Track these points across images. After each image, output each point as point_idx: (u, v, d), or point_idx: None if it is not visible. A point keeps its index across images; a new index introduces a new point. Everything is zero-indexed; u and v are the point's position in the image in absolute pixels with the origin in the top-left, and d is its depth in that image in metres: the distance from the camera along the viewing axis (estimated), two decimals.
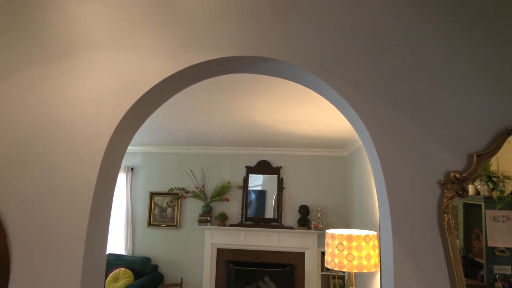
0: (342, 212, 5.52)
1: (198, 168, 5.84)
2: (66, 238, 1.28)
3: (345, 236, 3.10)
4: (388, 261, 1.13)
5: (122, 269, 5.09)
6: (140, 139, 5.34)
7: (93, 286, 1.32)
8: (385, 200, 1.16)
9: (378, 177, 1.20)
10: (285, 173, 5.72)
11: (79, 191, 1.30)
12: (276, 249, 5.43)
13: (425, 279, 1.10)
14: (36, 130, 1.38)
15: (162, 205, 5.82)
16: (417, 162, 1.17)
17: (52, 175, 1.33)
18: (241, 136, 4.83)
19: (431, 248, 1.11)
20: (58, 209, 1.30)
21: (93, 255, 1.32)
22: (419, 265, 1.10)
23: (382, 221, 1.20)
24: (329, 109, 3.36)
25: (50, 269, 1.27)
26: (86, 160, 1.31)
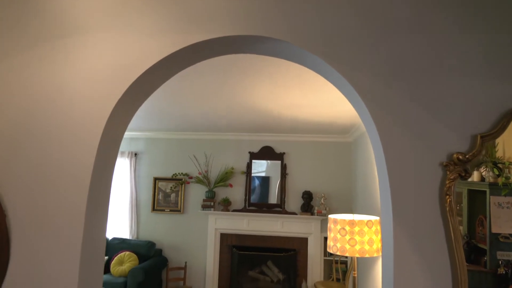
0: (345, 198, 5.52)
1: (201, 154, 5.85)
2: (64, 220, 1.27)
3: (348, 221, 3.10)
4: (388, 243, 1.12)
5: (127, 253, 5.16)
6: (144, 124, 5.34)
7: (92, 267, 1.32)
8: (386, 182, 1.13)
9: (379, 158, 1.17)
10: (289, 159, 5.70)
11: (77, 173, 1.29)
12: (279, 234, 5.46)
13: (426, 261, 1.08)
14: (33, 112, 1.37)
15: (166, 190, 5.85)
16: (420, 144, 1.14)
17: (49, 156, 1.32)
18: (244, 121, 4.80)
19: (432, 231, 1.09)
20: (55, 190, 1.30)
21: (92, 237, 1.32)
22: (420, 247, 1.08)
23: (383, 203, 1.18)
24: (333, 94, 3.31)
25: (49, 250, 1.27)
26: (83, 142, 1.30)
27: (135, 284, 4.71)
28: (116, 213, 5.80)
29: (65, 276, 1.25)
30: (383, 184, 1.19)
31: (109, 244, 5.50)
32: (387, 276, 1.15)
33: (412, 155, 1.14)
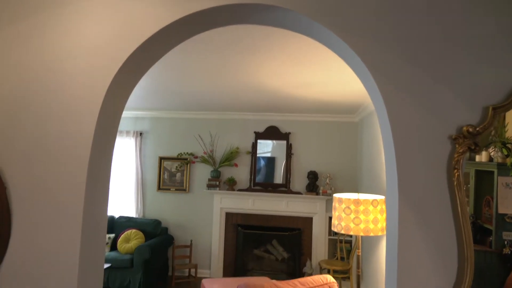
0: (351, 178, 5.49)
1: (206, 133, 5.83)
2: (65, 193, 1.26)
3: (353, 200, 3.08)
4: (393, 219, 1.09)
5: (133, 231, 5.23)
6: (149, 103, 5.31)
7: (94, 241, 1.32)
8: (392, 156, 1.09)
9: (386, 132, 1.13)
10: (294, 139, 5.66)
11: (76, 146, 1.27)
12: (284, 213, 5.49)
13: (431, 237, 1.05)
14: (30, 84, 1.34)
15: (171, 170, 5.87)
16: (428, 116, 1.10)
17: (47, 129, 1.30)
18: (250, 101, 4.74)
19: (438, 205, 1.06)
20: (55, 163, 1.28)
21: (93, 211, 1.31)
22: (426, 223, 1.06)
23: (389, 178, 1.15)
24: (342, 72, 3.24)
25: (50, 223, 1.27)
26: (82, 114, 1.28)
27: (142, 261, 4.79)
28: (122, 192, 5.85)
29: (66, 249, 1.24)
30: (389, 158, 1.15)
31: (115, 222, 5.58)
32: (391, 253, 1.13)
33: (420, 128, 1.10)
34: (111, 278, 4.84)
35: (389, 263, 1.11)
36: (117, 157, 5.87)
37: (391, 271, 1.09)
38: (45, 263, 1.27)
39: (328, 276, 3.00)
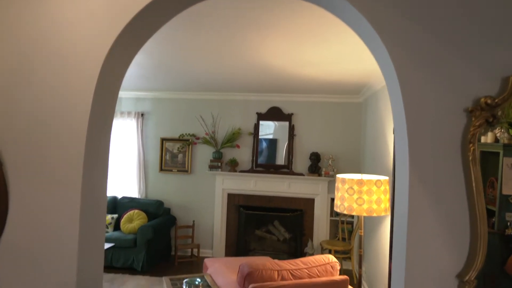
0: (353, 159, 5.46)
1: (208, 114, 5.76)
2: (62, 169, 1.22)
3: (356, 181, 3.05)
4: (403, 195, 1.05)
5: (136, 211, 5.25)
6: (150, 84, 5.23)
7: (93, 219, 1.29)
8: (404, 129, 1.04)
9: (396, 104, 1.08)
10: (297, 120, 5.60)
11: (73, 119, 1.22)
12: (286, 195, 5.48)
13: (443, 213, 1.01)
14: (26, 56, 1.28)
15: (173, 151, 5.84)
16: (442, 87, 1.04)
17: (43, 102, 1.25)
18: (252, 81, 4.66)
19: (451, 181, 1.02)
20: (52, 138, 1.24)
21: (92, 187, 1.28)
22: (437, 198, 1.01)
23: (399, 152, 1.10)
24: (346, 50, 3.15)
25: (48, 199, 1.24)
26: (79, 86, 1.22)
27: (144, 241, 4.82)
28: (125, 173, 5.84)
29: (65, 227, 1.22)
30: (400, 132, 1.10)
31: (118, 203, 5.60)
32: (399, 230, 1.09)
33: (433, 100, 1.04)
34: (115, 257, 4.88)
35: (398, 241, 1.08)
36: (119, 138, 5.84)
37: (399, 249, 1.06)
38: (44, 240, 1.24)
39: (330, 255, 3.00)
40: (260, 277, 2.62)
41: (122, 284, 4.40)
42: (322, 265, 2.88)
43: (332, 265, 2.91)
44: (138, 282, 4.46)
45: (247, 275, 2.63)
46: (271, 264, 2.75)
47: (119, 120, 5.84)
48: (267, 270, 2.67)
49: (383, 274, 3.54)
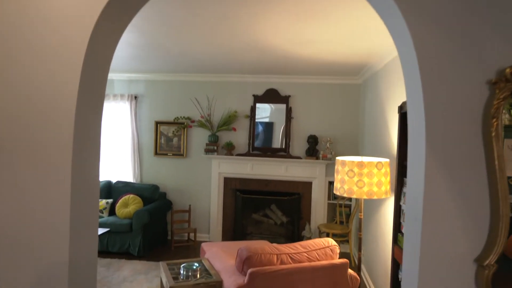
0: (352, 142, 5.39)
1: (203, 97, 5.64)
2: (51, 150, 1.13)
3: (356, 163, 2.98)
4: (417, 174, 0.97)
5: (131, 196, 5.17)
6: (143, 66, 5.08)
7: (85, 201, 1.21)
8: (420, 103, 0.95)
9: (411, 76, 0.99)
10: (294, 102, 5.50)
11: (60, 96, 1.12)
12: (283, 178, 5.43)
13: (462, 193, 0.94)
14: (9, 29, 1.16)
15: (168, 134, 5.74)
16: (463, 57, 0.95)
17: (30, 79, 1.14)
18: (248, 61, 4.53)
19: (470, 159, 0.94)
20: (39, 117, 1.14)
21: (83, 168, 1.19)
22: (455, 178, 0.94)
23: (413, 128, 1.02)
24: (346, 28, 3.03)
25: (38, 182, 1.15)
26: (66, 63, 1.11)
27: (140, 225, 4.77)
28: (119, 157, 5.74)
29: (55, 211, 1.13)
30: (415, 107, 1.01)
31: (113, 187, 5.52)
32: (413, 213, 1.01)
33: (454, 72, 0.95)
34: (111, 242, 4.83)
35: (411, 223, 1.01)
36: (112, 121, 5.71)
37: (412, 232, 0.99)
38: (33, 226, 1.16)
39: (329, 239, 2.96)
40: (259, 261, 2.57)
41: (118, 269, 4.36)
42: (322, 248, 2.84)
43: (332, 249, 2.87)
44: (135, 267, 4.43)
45: (245, 259, 2.58)
46: (270, 248, 2.70)
47: (111, 103, 5.71)
48: (266, 254, 2.62)
49: (382, 257, 3.52)
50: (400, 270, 2.01)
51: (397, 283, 2.06)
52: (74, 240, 1.18)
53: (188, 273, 2.76)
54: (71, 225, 1.16)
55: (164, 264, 3.02)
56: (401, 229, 2.02)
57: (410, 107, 1.03)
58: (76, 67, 1.12)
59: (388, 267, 3.27)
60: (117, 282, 3.99)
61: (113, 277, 4.10)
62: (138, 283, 3.96)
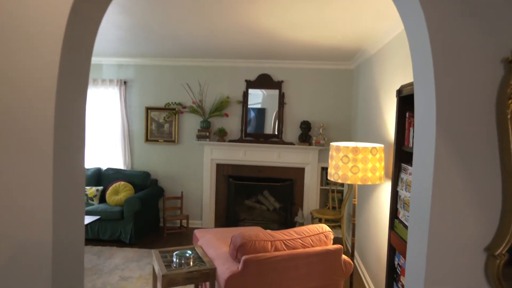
0: (344, 128, 5.36)
1: (195, 82, 5.52)
2: (31, 132, 1.05)
3: (351, 149, 2.94)
4: (425, 158, 0.92)
5: (122, 183, 5.09)
6: (132, 49, 4.93)
7: (69, 189, 1.13)
8: (430, 82, 0.90)
9: (421, 54, 0.92)
10: (287, 87, 5.42)
11: (41, 79, 1.04)
12: (276, 164, 5.39)
13: (472, 178, 0.89)
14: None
15: (159, 121, 5.63)
16: (477, 33, 0.89)
17: (8, 62, 1.05)
18: (241, 46, 4.42)
19: (483, 142, 0.89)
20: (17, 96, 1.05)
21: (66, 152, 1.11)
22: (466, 162, 0.89)
23: (421, 109, 0.96)
24: (340, 9, 2.94)
25: (17, 168, 1.07)
26: (45, 41, 1.03)
27: (131, 213, 4.70)
28: (109, 144, 5.62)
29: (37, 198, 1.06)
30: (423, 84, 0.95)
31: (103, 174, 5.42)
32: (420, 199, 0.97)
33: (466, 48, 0.89)
34: (102, 230, 4.77)
35: (417, 210, 0.96)
36: (101, 107, 5.57)
37: (419, 218, 0.95)
38: (14, 212, 1.09)
39: (323, 225, 2.94)
40: (253, 248, 2.54)
41: (110, 256, 4.31)
42: (316, 234, 2.82)
43: (326, 235, 2.85)
44: (126, 255, 4.38)
45: (239, 246, 2.54)
46: (264, 235, 2.66)
47: (100, 88, 5.56)
48: (260, 241, 2.58)
49: (375, 242, 3.53)
50: (396, 256, 1.99)
51: (393, 269, 2.05)
52: (57, 229, 1.11)
53: (181, 261, 2.72)
54: (54, 213, 1.09)
55: (156, 252, 2.97)
56: (398, 215, 1.99)
57: (418, 87, 0.97)
58: (55, 48, 1.03)
59: (381, 252, 3.28)
60: (108, 270, 3.94)
61: (104, 265, 4.05)
62: (130, 271, 3.92)
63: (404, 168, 1.90)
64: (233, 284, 2.43)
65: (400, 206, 1.91)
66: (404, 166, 1.91)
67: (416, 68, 0.97)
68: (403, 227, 1.85)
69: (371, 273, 3.67)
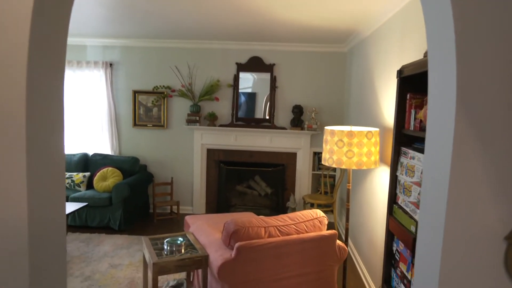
0: (337, 112, 5.29)
1: (184, 65, 5.35)
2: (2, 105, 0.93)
3: (346, 133, 2.87)
4: (442, 139, 0.84)
5: (109, 169, 4.96)
6: (118, 30, 4.72)
7: (46, 174, 1.03)
8: (451, 53, 0.81)
9: (440, 18, 0.83)
10: (279, 71, 5.30)
11: (9, 58, 0.91)
12: (267, 149, 5.31)
13: (493, 161, 0.82)
14: None
15: (147, 105, 5.47)
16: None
17: None
18: (231, 26, 4.26)
19: (508, 121, 0.81)
20: None
21: (41, 136, 1.00)
22: (487, 143, 0.81)
23: (436, 86, 0.88)
24: None
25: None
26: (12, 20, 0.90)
27: (120, 199, 4.60)
28: (95, 128, 5.45)
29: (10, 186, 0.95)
30: (442, 58, 0.86)
31: (90, 160, 5.27)
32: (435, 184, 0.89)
33: (493, 15, 0.80)
34: (90, 217, 4.66)
35: (431, 196, 0.89)
36: (86, 90, 5.38)
37: (434, 203, 0.87)
38: None
39: (317, 210, 2.88)
40: (247, 234, 2.47)
41: (99, 244, 4.22)
42: (310, 220, 2.76)
43: (320, 220, 2.80)
44: (115, 241, 4.29)
45: (233, 233, 2.47)
46: (257, 221, 2.60)
47: (85, 70, 5.35)
48: (253, 227, 2.52)
49: (368, 227, 3.51)
50: (395, 242, 1.95)
51: (391, 255, 2.01)
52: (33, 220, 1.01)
53: (172, 248, 2.64)
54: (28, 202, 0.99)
55: (146, 239, 2.89)
56: (397, 201, 1.93)
57: (435, 61, 0.88)
58: (24, 21, 0.90)
59: (375, 236, 3.26)
60: (97, 257, 3.85)
61: (93, 253, 3.96)
62: (120, 258, 3.84)
63: (404, 152, 1.83)
64: (226, 271, 2.37)
65: (400, 191, 1.85)
66: (404, 150, 1.84)
67: (432, 38, 0.88)
68: (402, 212, 1.79)
69: (364, 257, 3.66)
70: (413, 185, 1.67)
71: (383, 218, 3.01)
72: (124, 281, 3.36)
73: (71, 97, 5.37)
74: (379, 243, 3.12)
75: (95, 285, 3.27)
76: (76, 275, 3.43)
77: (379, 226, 3.13)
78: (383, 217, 3.01)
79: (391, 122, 2.98)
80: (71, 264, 3.67)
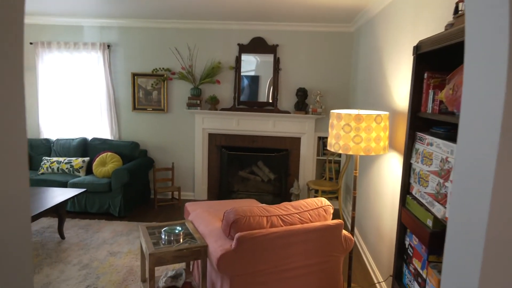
0: (342, 95, 5.09)
1: (184, 46, 5.15)
2: None
3: (353, 117, 2.70)
4: (485, 126, 0.68)
5: (109, 154, 4.84)
6: (115, 9, 4.52)
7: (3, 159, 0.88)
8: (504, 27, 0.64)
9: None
10: (282, 52, 5.08)
11: None
12: (271, 134, 5.15)
13: None
14: None
15: (147, 88, 5.30)
16: None
17: None
18: (233, 5, 4.04)
19: None
20: None
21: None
22: None
23: (477, 58, 0.71)
24: None
25: None
26: None
27: (120, 185, 4.48)
28: (94, 112, 5.31)
29: None
30: (488, 23, 0.69)
31: (89, 145, 5.15)
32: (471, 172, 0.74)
33: None
34: (89, 202, 4.56)
35: (468, 184, 0.73)
36: (84, 73, 5.21)
37: (471, 195, 0.72)
38: None
39: (322, 199, 2.74)
40: (248, 224, 2.34)
41: (98, 230, 4.13)
42: (315, 209, 2.62)
43: (325, 209, 2.66)
44: (115, 228, 4.20)
45: (233, 222, 2.34)
46: (259, 210, 2.46)
47: (82, 52, 5.17)
48: (255, 216, 2.38)
49: (376, 216, 3.37)
50: (408, 236, 1.80)
51: (404, 249, 1.86)
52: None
53: (170, 237, 2.52)
54: None
55: (143, 228, 2.77)
56: (411, 191, 1.78)
57: (472, 44, 0.71)
58: None
59: (384, 227, 3.12)
60: (96, 244, 3.76)
61: (92, 239, 3.87)
62: (119, 245, 3.75)
63: (420, 138, 1.67)
64: (226, 263, 2.25)
65: (415, 181, 1.70)
66: (420, 135, 1.68)
67: (471, 21, 0.71)
68: (417, 204, 1.64)
69: (370, 247, 3.54)
70: (430, 174, 1.51)
71: (392, 207, 2.87)
72: (123, 269, 3.27)
73: (69, 80, 5.21)
74: (387, 233, 2.98)
75: (92, 274, 3.18)
76: (74, 263, 3.34)
77: (388, 215, 2.99)
78: (392, 206, 2.87)
79: (402, 104, 2.80)
80: (69, 251, 3.58)
